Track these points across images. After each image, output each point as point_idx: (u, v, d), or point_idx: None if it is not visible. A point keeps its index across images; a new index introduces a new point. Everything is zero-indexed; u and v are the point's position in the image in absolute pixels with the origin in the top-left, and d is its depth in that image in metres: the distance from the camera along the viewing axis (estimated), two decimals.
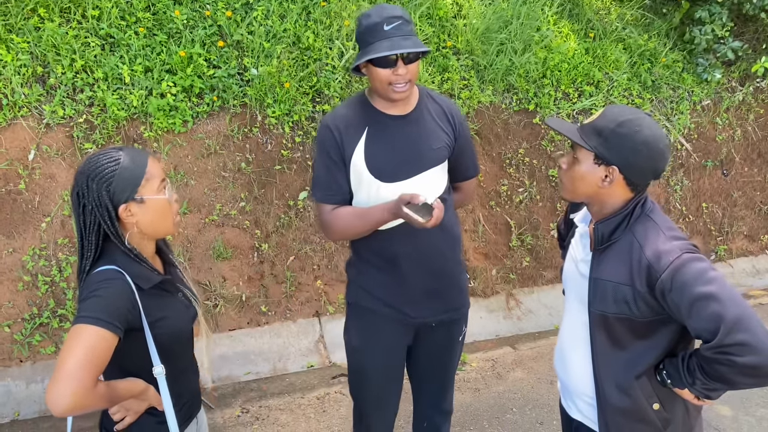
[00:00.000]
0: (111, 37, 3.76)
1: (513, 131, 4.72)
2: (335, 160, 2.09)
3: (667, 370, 1.63)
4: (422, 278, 2.18)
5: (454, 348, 2.38)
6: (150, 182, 1.60)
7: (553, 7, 5.14)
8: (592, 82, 5.00)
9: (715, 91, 5.46)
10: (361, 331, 2.29)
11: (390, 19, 1.91)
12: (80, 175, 1.56)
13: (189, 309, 1.75)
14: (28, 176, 3.49)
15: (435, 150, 2.12)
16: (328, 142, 2.09)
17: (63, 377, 1.36)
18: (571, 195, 1.73)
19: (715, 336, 1.45)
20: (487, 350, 4.09)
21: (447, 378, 2.44)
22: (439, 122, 2.16)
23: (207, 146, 3.86)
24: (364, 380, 2.34)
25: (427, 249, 2.15)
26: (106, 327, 1.43)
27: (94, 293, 1.48)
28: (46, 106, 3.53)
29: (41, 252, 3.48)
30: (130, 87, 3.69)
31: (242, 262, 3.93)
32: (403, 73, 1.95)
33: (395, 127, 2.10)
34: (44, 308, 3.47)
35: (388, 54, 1.88)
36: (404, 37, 1.91)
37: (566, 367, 1.85)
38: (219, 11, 4.05)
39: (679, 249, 1.54)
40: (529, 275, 4.71)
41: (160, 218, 1.63)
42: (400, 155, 2.09)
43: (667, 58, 5.31)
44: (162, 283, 1.64)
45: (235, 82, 3.94)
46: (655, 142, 1.58)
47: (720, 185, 5.48)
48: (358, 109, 2.12)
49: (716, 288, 1.47)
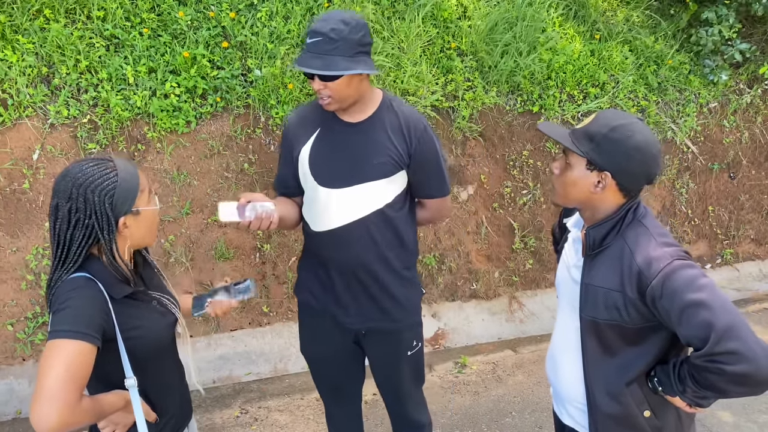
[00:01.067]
0: (116, 38, 3.79)
1: (517, 133, 4.71)
2: (285, 155, 2.23)
3: (659, 377, 1.62)
4: (349, 285, 2.21)
5: (400, 362, 2.35)
6: (143, 194, 1.59)
7: (559, 9, 5.12)
8: (597, 84, 4.97)
9: (723, 93, 5.42)
10: (304, 326, 2.42)
11: (313, 34, 1.92)
12: (74, 188, 1.48)
13: (165, 316, 1.70)
14: (32, 176, 3.52)
15: (375, 165, 2.08)
16: (283, 136, 2.26)
17: (46, 397, 1.32)
18: (564, 200, 1.72)
19: (706, 344, 1.44)
20: (488, 353, 4.08)
21: (401, 392, 2.42)
22: (391, 136, 2.10)
23: (210, 147, 3.87)
24: (314, 373, 2.48)
25: (354, 256, 2.16)
26: (84, 339, 1.39)
27: (66, 304, 1.44)
28: (50, 107, 3.55)
29: (44, 251, 3.51)
30: (134, 87, 3.72)
31: (244, 263, 3.94)
32: (318, 89, 1.97)
33: (342, 134, 2.11)
34: (47, 307, 3.50)
35: (296, 67, 1.94)
36: (316, 55, 1.91)
37: (557, 373, 1.84)
38: (223, 12, 4.06)
39: (670, 255, 1.53)
40: (532, 278, 4.70)
41: (149, 229, 1.63)
42: (340, 162, 2.10)
43: (673, 60, 5.27)
44: (134, 292, 1.60)
45: (238, 83, 3.95)
46: (648, 147, 1.57)
47: (727, 188, 5.44)
48: (317, 109, 2.15)
49: (707, 295, 1.46)
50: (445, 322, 4.35)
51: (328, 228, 2.14)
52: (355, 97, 2.03)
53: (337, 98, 1.99)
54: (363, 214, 2.12)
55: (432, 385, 3.72)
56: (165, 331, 1.69)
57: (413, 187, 2.21)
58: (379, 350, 2.34)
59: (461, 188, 4.53)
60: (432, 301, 4.40)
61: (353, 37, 1.92)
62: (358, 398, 2.57)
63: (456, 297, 4.47)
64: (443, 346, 4.23)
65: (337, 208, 2.12)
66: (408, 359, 2.35)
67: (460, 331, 4.32)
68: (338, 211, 2.12)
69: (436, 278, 4.41)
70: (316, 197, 2.14)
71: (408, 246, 2.25)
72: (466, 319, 4.39)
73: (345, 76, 1.94)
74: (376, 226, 2.14)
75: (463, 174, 4.51)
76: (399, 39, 4.46)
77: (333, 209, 2.12)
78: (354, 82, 1.98)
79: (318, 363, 2.45)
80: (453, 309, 4.41)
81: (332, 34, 1.90)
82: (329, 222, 2.14)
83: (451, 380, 3.79)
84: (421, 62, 4.42)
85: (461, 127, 4.46)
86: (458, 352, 4.11)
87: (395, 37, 4.46)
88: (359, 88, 2.02)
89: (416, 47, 4.44)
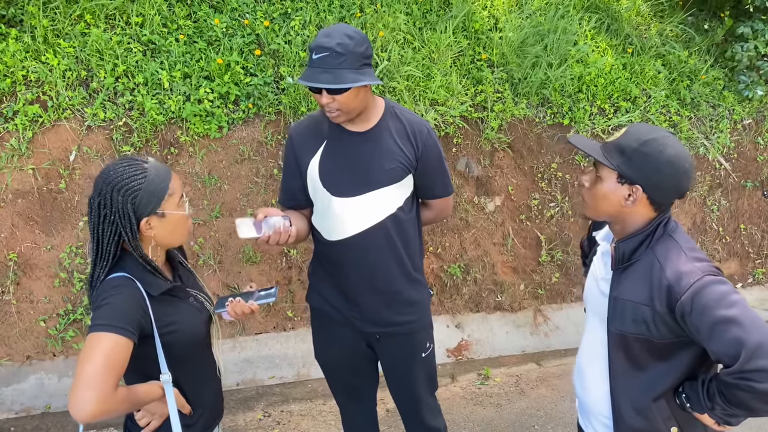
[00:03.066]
0: (152, 44, 3.88)
1: (546, 145, 4.69)
2: (292, 168, 2.22)
3: (687, 393, 1.60)
4: (365, 290, 2.23)
5: (414, 365, 2.37)
6: (172, 197, 1.63)
7: (591, 22, 5.10)
8: (628, 98, 4.93)
9: (758, 109, 5.33)
10: (318, 332, 2.44)
11: (319, 49, 1.94)
12: (104, 185, 1.56)
13: (201, 312, 1.77)
14: (68, 176, 3.61)
15: (386, 170, 2.13)
16: (288, 150, 2.23)
17: (84, 385, 1.39)
18: (594, 213, 1.71)
19: (736, 361, 1.42)
20: (511, 366, 4.05)
21: (416, 397, 2.43)
22: (399, 142, 2.15)
23: (241, 152, 3.93)
24: (329, 377, 2.50)
25: (371, 262, 2.19)
26: (121, 333, 1.46)
27: (107, 301, 1.51)
28: (87, 109, 3.65)
29: (78, 250, 3.59)
30: (168, 92, 3.80)
31: (270, 267, 3.98)
32: (326, 102, 1.99)
33: (351, 143, 2.14)
34: (78, 305, 3.58)
35: (304, 83, 1.94)
36: (324, 70, 1.93)
37: (584, 386, 1.83)
38: (257, 20, 4.13)
39: (700, 271, 1.51)
40: (558, 291, 4.66)
41: (176, 232, 1.67)
42: (352, 172, 2.13)
43: (707, 75, 5.21)
44: (171, 289, 1.67)
45: (270, 90, 4.01)
46: (679, 161, 1.56)
47: (760, 206, 5.34)
48: (322, 120, 2.17)
49: (738, 312, 1.44)
50: (469, 333, 4.33)
51: (343, 237, 2.17)
52: (361, 108, 2.07)
53: (345, 110, 2.03)
54: (377, 220, 2.16)
55: (454, 396, 3.70)
56: (200, 327, 1.75)
57: (419, 189, 2.27)
58: (394, 354, 2.36)
59: (488, 199, 4.52)
60: (456, 311, 4.39)
61: (358, 50, 1.96)
62: (374, 400, 2.60)
63: (480, 308, 4.46)
64: (466, 357, 4.21)
65: (351, 217, 2.15)
66: (421, 361, 2.38)
67: (484, 343, 4.30)
68: (353, 220, 2.15)
69: (460, 288, 4.40)
70: (329, 208, 2.16)
71: (417, 247, 2.32)
72: (491, 331, 4.37)
73: (352, 89, 1.98)
74: (389, 230, 2.19)
75: (490, 185, 4.51)
76: (429, 49, 4.48)
77: (347, 218, 2.15)
78: (360, 94, 2.03)
79: (333, 367, 2.47)
80: (477, 320, 4.40)
81: (339, 48, 1.93)
82: (344, 231, 2.17)
83: (473, 392, 3.77)
84: (452, 73, 4.43)
85: (490, 137, 4.46)
86: (481, 363, 4.09)
87: (426, 48, 4.48)
88: (365, 98, 2.06)
89: (447, 58, 4.46)
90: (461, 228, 4.43)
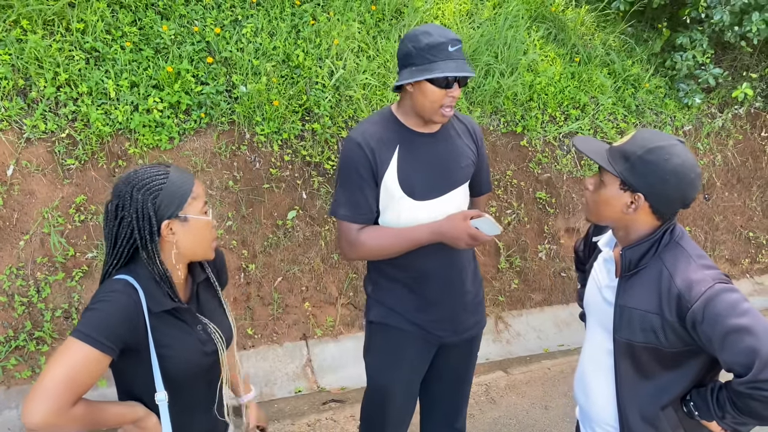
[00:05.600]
0: (96, 51, 3.66)
1: (501, 153, 4.71)
2: (366, 178, 2.03)
3: (695, 401, 1.57)
4: (450, 296, 2.17)
5: (473, 363, 2.38)
6: (196, 201, 1.52)
7: (539, 32, 5.20)
8: (578, 105, 5.03)
9: (696, 116, 5.55)
10: (385, 349, 2.25)
11: (454, 42, 1.93)
12: (124, 185, 1.48)
13: (205, 345, 1.60)
14: (6, 192, 3.34)
15: (463, 168, 2.14)
16: (358, 159, 2.03)
17: (40, 392, 1.33)
18: (596, 218, 1.67)
19: (749, 370, 1.40)
20: (480, 374, 4.01)
21: (464, 394, 2.42)
22: (465, 140, 2.19)
23: (194, 164, 3.76)
24: (386, 399, 2.29)
25: (455, 266, 2.14)
26: (96, 346, 1.37)
27: (96, 306, 1.42)
28: (26, 120, 3.40)
29: (18, 271, 3.32)
30: (115, 102, 3.59)
31: (228, 283, 3.80)
32: (457, 95, 1.97)
33: (426, 146, 2.08)
34: (20, 330, 3.30)
35: (457, 75, 1.89)
36: (465, 62, 1.95)
37: (588, 395, 1.78)
38: (208, 27, 3.98)
39: (711, 279, 1.49)
40: (517, 298, 4.67)
41: (199, 240, 1.55)
42: (432, 173, 2.08)
43: (650, 84, 5.38)
44: (178, 310, 1.54)
45: (223, 99, 3.86)
46: (685, 171, 1.52)
47: (702, 210, 5.54)
48: (388, 126, 2.08)
49: (750, 320, 1.42)
50: None
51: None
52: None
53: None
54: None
55: None
56: (199, 360, 1.58)
57: (472, 186, 2.26)
58: (459, 356, 2.32)
59: None
60: None
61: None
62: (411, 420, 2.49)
63: None
64: None
65: (432, 220, 2.05)
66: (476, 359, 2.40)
67: None
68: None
69: None
70: (410, 214, 2.06)
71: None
72: None
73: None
74: None
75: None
76: (384, 58, 4.44)
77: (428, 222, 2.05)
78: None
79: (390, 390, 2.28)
80: None
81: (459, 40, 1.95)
82: None
83: None
84: None
85: None
86: None
87: (381, 56, 4.44)
88: None
89: None
90: None
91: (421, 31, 1.94)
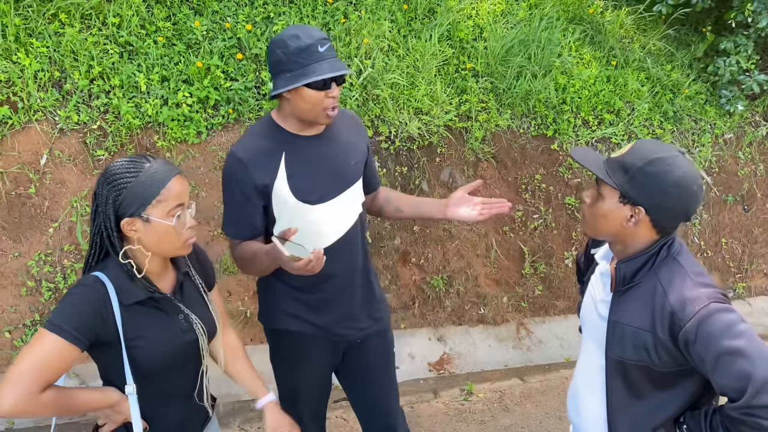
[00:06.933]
0: (130, 45, 3.75)
1: (530, 156, 4.65)
2: (247, 194, 1.98)
3: (688, 424, 1.52)
4: (347, 294, 2.17)
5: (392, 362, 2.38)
6: (162, 204, 1.52)
7: (575, 33, 5.09)
8: (612, 110, 4.92)
9: (738, 124, 5.36)
10: (289, 355, 2.26)
11: (323, 41, 1.87)
12: (102, 176, 1.53)
13: (186, 333, 1.65)
14: (38, 180, 3.46)
15: (353, 165, 2.12)
16: (238, 176, 1.97)
17: (10, 381, 1.39)
18: (593, 232, 1.63)
19: (742, 395, 1.34)
20: (495, 381, 3.98)
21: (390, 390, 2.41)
22: (352, 136, 2.15)
23: (220, 158, 3.82)
24: (297, 400, 2.33)
25: (356, 266, 2.15)
26: (65, 337, 1.43)
27: (67, 300, 1.48)
28: (60, 111, 3.50)
29: (47, 258, 3.44)
30: (145, 95, 3.67)
31: (248, 278, 3.86)
32: (337, 95, 1.92)
33: (312, 148, 2.03)
34: (46, 315, 3.42)
35: (332, 75, 1.84)
36: (337, 59, 1.90)
37: (580, 412, 1.75)
38: (239, 24, 4.03)
39: (706, 297, 1.43)
40: (541, 304, 4.61)
41: (164, 241, 1.56)
42: (324, 175, 2.04)
43: (689, 90, 5.22)
44: (156, 300, 1.58)
45: (251, 95, 3.90)
46: (687, 183, 1.47)
47: (740, 221, 5.36)
48: (271, 134, 2.02)
49: (745, 343, 1.36)
50: (451, 347, 4.25)
51: (323, 246, 2.02)
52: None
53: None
54: (354, 218, 2.12)
55: (437, 412, 3.61)
56: (178, 348, 1.64)
57: (365, 181, 2.24)
58: (375, 354, 2.32)
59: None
60: (438, 324, 4.31)
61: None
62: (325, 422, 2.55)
63: (463, 321, 4.38)
64: (448, 371, 4.12)
65: (330, 222, 2.06)
66: (394, 361, 2.38)
67: (466, 357, 4.23)
68: (333, 225, 2.08)
69: (443, 301, 4.32)
70: (306, 219, 2.02)
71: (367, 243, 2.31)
72: (473, 345, 4.30)
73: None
74: (361, 227, 2.17)
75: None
76: (414, 57, 4.42)
77: (326, 225, 2.06)
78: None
79: (302, 390, 2.33)
80: (459, 333, 4.32)
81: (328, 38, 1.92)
82: (323, 240, 2.05)
83: (457, 408, 3.68)
84: (436, 81, 4.37)
85: (474, 148, 4.40)
86: (464, 378, 4.01)
87: (410, 56, 4.42)
88: None
89: (431, 66, 4.40)
90: (444, 239, 4.35)
91: (287, 35, 1.87)
